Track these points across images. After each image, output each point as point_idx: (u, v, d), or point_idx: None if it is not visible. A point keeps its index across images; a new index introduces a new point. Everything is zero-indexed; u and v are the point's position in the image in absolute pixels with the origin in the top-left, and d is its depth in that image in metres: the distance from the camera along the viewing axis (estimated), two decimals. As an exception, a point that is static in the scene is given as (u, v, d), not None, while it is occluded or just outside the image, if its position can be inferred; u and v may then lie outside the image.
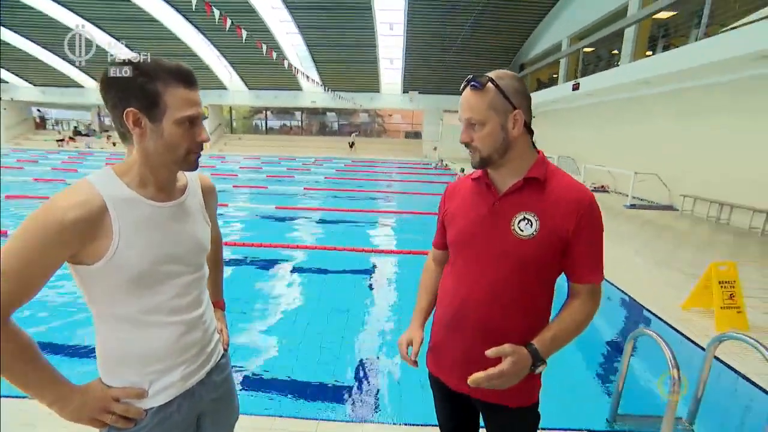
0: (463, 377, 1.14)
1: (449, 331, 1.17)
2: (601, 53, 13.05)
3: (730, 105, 7.84)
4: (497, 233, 1.06)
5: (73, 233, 0.82)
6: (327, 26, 17.65)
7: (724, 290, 3.26)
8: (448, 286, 1.20)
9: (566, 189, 1.05)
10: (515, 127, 1.03)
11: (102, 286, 0.91)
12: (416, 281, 1.39)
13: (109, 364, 0.98)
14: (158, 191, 0.98)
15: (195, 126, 0.95)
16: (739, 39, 6.27)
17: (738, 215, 7.36)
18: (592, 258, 1.05)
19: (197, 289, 1.08)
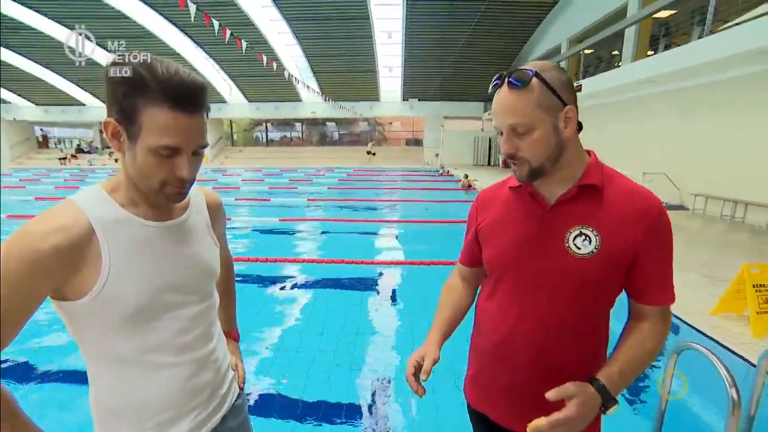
0: (513, 412, 1.01)
1: (495, 362, 1.02)
2: (602, 54, 12.99)
3: (730, 101, 7.72)
4: (548, 252, 0.91)
5: (53, 263, 0.69)
6: (325, 36, 17.70)
7: (759, 294, 3.08)
8: (491, 311, 1.03)
9: (630, 196, 0.89)
10: (568, 127, 0.87)
11: (92, 325, 0.77)
12: (426, 292, 1.22)
13: (105, 417, 0.83)
14: (153, 209, 0.83)
15: (175, 157, 0.76)
16: (739, 36, 6.17)
17: (753, 213, 7.18)
18: (663, 276, 0.90)
19: (206, 321, 0.93)
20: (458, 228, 8.44)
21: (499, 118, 0.90)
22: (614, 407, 0.85)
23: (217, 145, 26.22)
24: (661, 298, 0.91)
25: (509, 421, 1.03)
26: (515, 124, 0.87)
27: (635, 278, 0.90)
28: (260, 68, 14.92)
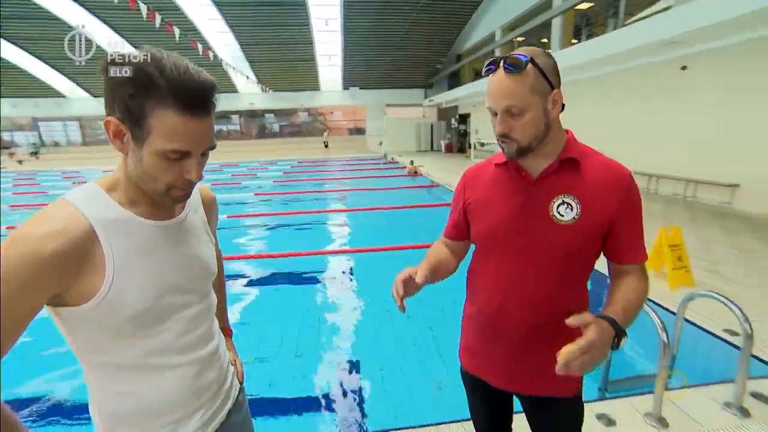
0: (509, 376, 1.11)
1: (488, 331, 1.11)
2: (532, 42, 13.83)
3: (640, 87, 8.64)
4: (534, 222, 0.99)
5: (53, 269, 0.65)
6: (259, 24, 16.91)
7: (673, 252, 3.57)
8: (484, 283, 1.11)
9: (604, 168, 0.99)
10: (554, 108, 0.96)
11: (93, 331, 0.73)
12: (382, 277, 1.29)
13: (110, 425, 0.80)
14: (153, 208, 0.81)
15: (184, 160, 0.74)
16: (645, 29, 6.88)
17: (663, 185, 8.18)
18: (637, 236, 1.01)
19: (207, 320, 0.92)
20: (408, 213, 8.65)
21: (495, 100, 0.95)
22: (625, 339, 0.90)
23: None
24: (637, 256, 1.01)
25: (508, 383, 1.12)
26: (510, 105, 0.93)
27: (613, 240, 0.99)
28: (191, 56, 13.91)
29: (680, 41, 6.63)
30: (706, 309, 3.05)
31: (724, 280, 3.69)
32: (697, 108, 7.32)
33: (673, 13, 6.37)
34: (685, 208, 6.98)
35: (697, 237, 5.08)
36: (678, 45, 6.87)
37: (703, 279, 3.70)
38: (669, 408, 2.06)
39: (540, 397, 1.10)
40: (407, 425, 2.08)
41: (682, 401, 2.12)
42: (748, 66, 6.37)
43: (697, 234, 5.24)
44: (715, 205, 6.91)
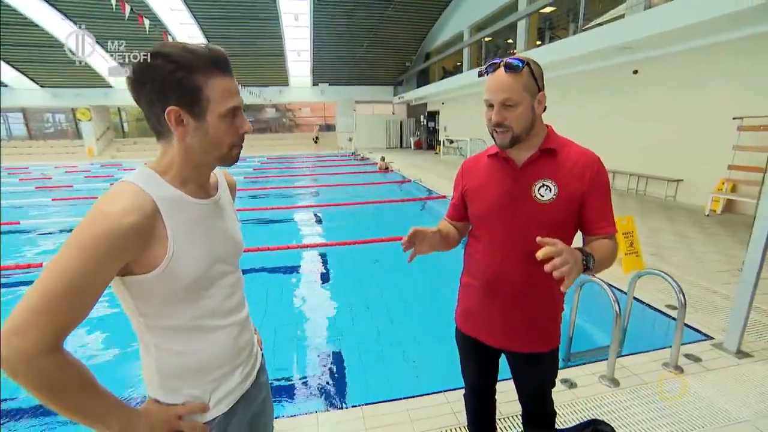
0: (502, 336, 1.33)
1: (485, 297, 1.32)
2: (499, 43, 14.36)
3: (595, 89, 9.30)
4: (520, 202, 1.20)
5: (130, 242, 0.76)
6: (226, 16, 16.47)
7: (626, 239, 3.97)
8: (478, 256, 1.33)
9: (577, 155, 1.20)
10: (539, 107, 1.17)
11: (156, 297, 0.85)
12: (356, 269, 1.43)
13: (166, 381, 0.92)
14: (199, 189, 0.93)
15: (237, 117, 0.89)
16: (603, 34, 7.45)
17: (617, 180, 8.85)
18: (606, 212, 1.19)
19: (241, 289, 1.06)
20: (380, 207, 8.80)
21: (494, 93, 1.14)
22: (593, 261, 1.03)
23: (104, 137, 22.86)
24: (606, 228, 1.18)
25: (501, 341, 1.34)
26: (507, 99, 1.12)
27: (585, 214, 1.18)
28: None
29: (632, 47, 7.21)
30: (654, 289, 3.46)
31: (668, 264, 4.15)
32: (647, 109, 7.98)
33: (626, 21, 6.92)
34: (638, 200, 7.62)
35: (647, 227, 5.62)
36: (631, 50, 7.46)
37: (652, 263, 4.15)
38: (620, 371, 2.39)
39: (526, 353, 1.33)
40: (390, 398, 2.27)
41: (630, 365, 2.47)
42: (693, 72, 7.03)
43: (647, 224, 5.78)
44: (662, 198, 7.58)
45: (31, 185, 11.83)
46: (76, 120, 22.30)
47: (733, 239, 4.99)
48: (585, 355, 2.69)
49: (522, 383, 1.43)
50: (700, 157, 6.95)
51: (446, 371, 2.19)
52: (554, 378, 1.43)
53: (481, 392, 1.56)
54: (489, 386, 1.55)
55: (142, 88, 0.82)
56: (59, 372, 0.73)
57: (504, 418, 2.05)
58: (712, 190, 6.47)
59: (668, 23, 5.88)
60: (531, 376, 1.40)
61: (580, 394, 2.23)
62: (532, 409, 1.47)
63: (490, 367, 1.48)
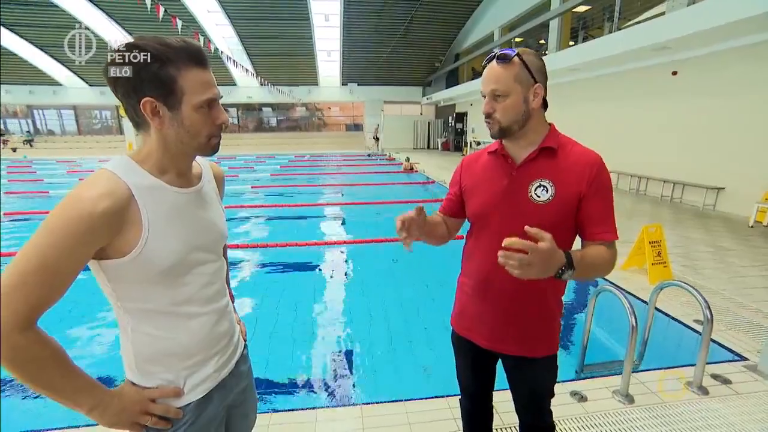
0: (495, 336, 1.27)
1: (478, 295, 1.27)
2: (530, 43, 13.99)
3: (630, 91, 8.83)
4: (516, 201, 1.15)
5: (103, 226, 0.77)
6: (259, 17, 16.91)
7: (654, 249, 3.76)
8: (473, 254, 1.28)
9: (577, 155, 1.14)
10: (535, 100, 1.11)
11: (131, 281, 0.86)
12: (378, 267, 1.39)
13: (141, 364, 0.93)
14: (178, 177, 0.94)
15: (213, 108, 0.90)
16: (639, 33, 7.06)
17: (652, 186, 8.39)
18: (606, 216, 1.12)
19: (221, 278, 1.07)
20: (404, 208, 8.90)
21: (485, 84, 1.13)
22: (570, 273, 0.98)
23: (142, 134, 24.06)
24: (605, 234, 1.10)
25: (493, 344, 1.28)
26: (495, 89, 1.10)
27: (583, 218, 1.11)
28: None
29: (671, 47, 6.81)
30: (681, 302, 3.23)
31: (699, 276, 3.88)
32: (686, 112, 7.52)
33: (665, 18, 6.54)
34: (672, 208, 7.19)
35: (680, 236, 5.29)
36: (669, 50, 7.05)
37: (682, 275, 3.89)
38: (636, 387, 2.24)
39: (520, 357, 1.26)
40: (395, 399, 2.23)
41: (648, 381, 2.30)
42: (736, 72, 6.56)
43: (681, 233, 5.44)
44: (700, 207, 7.12)
45: (77, 177, 12.58)
46: (119, 117, 23.58)
47: (779, 253, 4.61)
48: (600, 368, 2.55)
49: (515, 389, 1.36)
50: (745, 163, 6.47)
51: (452, 376, 2.14)
52: (551, 387, 1.34)
53: (475, 397, 1.50)
54: (484, 391, 1.48)
55: (119, 80, 0.83)
56: (32, 349, 0.75)
57: (504, 427, 1.97)
58: (758, 199, 6.00)
59: (710, 21, 5.51)
60: (524, 381, 1.33)
61: (590, 409, 2.10)
62: (528, 420, 1.40)
63: (484, 371, 1.41)
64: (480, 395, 1.50)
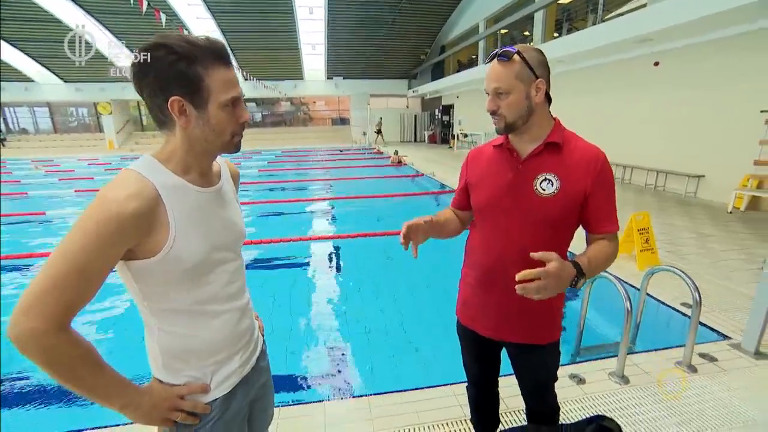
0: (499, 327, 1.31)
1: (482, 287, 1.31)
2: (515, 35, 14.08)
3: (612, 82, 9.02)
4: (522, 194, 1.19)
5: (132, 227, 0.78)
6: (242, 10, 16.55)
7: (641, 236, 3.89)
8: (477, 246, 1.32)
9: (582, 150, 1.18)
10: (538, 95, 1.15)
11: (158, 281, 0.88)
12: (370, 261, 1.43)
13: (168, 362, 0.95)
14: (200, 177, 0.95)
15: (237, 107, 0.91)
16: (622, 25, 7.19)
17: (636, 175, 8.62)
18: (609, 210, 1.18)
19: (242, 276, 1.08)
20: (393, 201, 8.81)
21: (487, 82, 1.17)
22: (583, 281, 1.06)
23: (124, 130, 23.42)
24: (608, 227, 1.17)
25: (496, 332, 1.32)
26: (498, 87, 1.14)
27: (588, 213, 1.16)
28: None
29: (653, 38, 6.97)
30: (669, 286, 3.37)
31: (684, 261, 4.03)
32: (668, 102, 7.72)
33: (647, 10, 6.68)
34: (656, 196, 7.41)
35: (664, 223, 5.47)
36: (652, 42, 7.21)
37: (668, 261, 4.04)
38: (630, 368, 2.34)
39: (524, 345, 1.31)
40: (401, 389, 2.29)
41: (641, 362, 2.41)
42: (717, 63, 6.76)
43: (665, 221, 5.62)
44: (682, 195, 7.35)
45: (56, 177, 12.21)
46: (97, 114, 22.88)
47: (757, 237, 4.81)
48: (595, 351, 2.65)
49: (521, 376, 1.42)
50: (724, 152, 6.70)
51: (454, 365, 2.19)
52: (555, 372, 1.40)
53: (482, 384, 1.55)
54: (489, 379, 1.54)
55: (145, 79, 0.84)
56: (68, 349, 0.77)
57: (510, 411, 2.04)
58: (735, 186, 6.24)
59: (692, 13, 5.65)
60: (529, 368, 1.39)
61: (588, 390, 2.20)
62: (534, 404, 1.46)
63: (489, 359, 1.47)
64: (486, 383, 1.55)
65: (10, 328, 0.73)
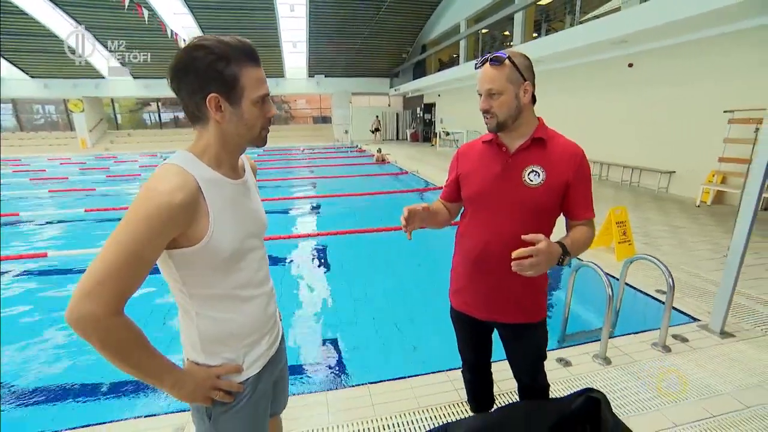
0: (491, 309, 1.44)
1: (474, 273, 1.43)
2: (496, 35, 14.38)
3: (590, 81, 9.42)
4: (511, 185, 1.32)
5: (179, 216, 0.85)
6: (221, 6, 16.27)
7: (619, 229, 4.13)
8: (468, 235, 1.44)
9: (564, 146, 1.33)
10: (525, 96, 1.29)
11: (198, 268, 0.94)
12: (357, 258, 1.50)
13: (206, 345, 1.02)
14: (231, 170, 1.02)
15: (266, 103, 0.98)
16: (599, 28, 7.50)
17: (613, 172, 9.00)
18: (587, 199, 1.34)
19: (266, 262, 1.17)
20: (378, 199, 8.85)
21: (482, 84, 1.29)
22: (569, 258, 1.22)
23: (98, 129, 22.61)
24: (586, 214, 1.34)
25: (489, 314, 1.45)
26: (491, 89, 1.27)
27: (569, 201, 1.32)
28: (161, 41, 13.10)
29: (628, 40, 7.30)
30: (644, 275, 3.61)
31: (659, 252, 4.31)
32: (642, 102, 8.10)
33: (623, 14, 7.00)
34: (631, 192, 7.78)
35: (640, 217, 5.77)
36: (626, 44, 7.55)
37: (643, 252, 4.30)
38: (612, 351, 2.54)
39: (515, 324, 1.45)
40: (399, 376, 2.40)
41: (621, 345, 2.61)
42: (686, 65, 7.15)
43: (640, 215, 5.94)
44: (655, 190, 7.74)
45: (25, 177, 11.77)
46: (68, 111, 22.05)
47: (722, 229, 5.16)
48: (579, 336, 2.84)
49: (513, 355, 1.55)
50: (692, 149, 7.11)
51: (445, 352, 2.31)
52: (545, 350, 1.54)
53: (476, 367, 1.69)
54: (483, 361, 1.67)
55: (185, 77, 0.90)
56: (124, 332, 0.85)
57: (502, 393, 2.19)
58: (702, 181, 6.64)
59: (663, 17, 5.97)
60: (520, 346, 1.52)
61: (574, 372, 2.37)
62: (526, 382, 1.59)
63: (482, 342, 1.60)
64: (481, 365, 1.69)
65: (70, 313, 0.80)
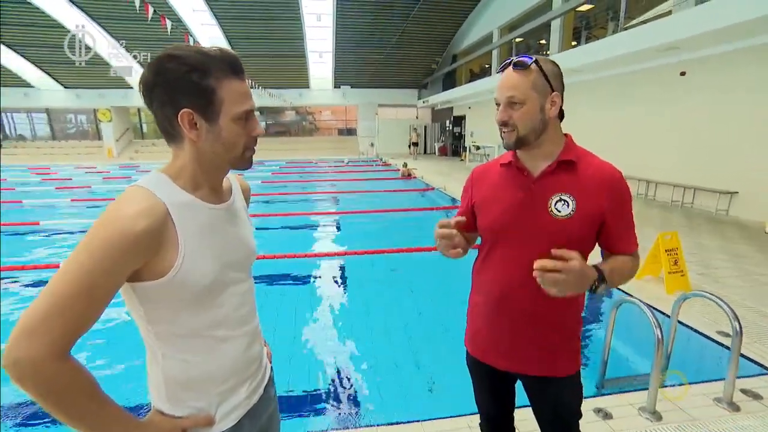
0: (513, 356, 1.27)
1: (494, 316, 1.27)
2: (531, 43, 14.23)
3: (632, 93, 9.05)
4: (535, 216, 1.16)
5: (141, 246, 0.77)
6: (248, 17, 17.01)
7: (670, 257, 3.82)
8: (486, 271, 1.29)
9: (597, 169, 1.17)
10: (552, 108, 1.14)
11: (165, 304, 0.86)
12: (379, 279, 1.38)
13: (172, 391, 0.92)
14: (211, 193, 0.95)
15: (249, 120, 0.91)
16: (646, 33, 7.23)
17: (661, 191, 8.53)
18: (628, 230, 1.19)
19: (252, 298, 1.07)
20: (402, 216, 8.77)
21: (501, 91, 1.16)
22: (604, 286, 1.08)
23: (124, 138, 23.93)
24: (627, 247, 1.19)
25: (511, 364, 1.28)
26: (513, 96, 1.13)
27: (607, 235, 1.17)
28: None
29: (679, 47, 6.98)
30: (701, 312, 3.29)
31: (719, 286, 3.94)
32: (695, 114, 7.68)
33: (673, 18, 6.72)
34: (683, 214, 7.31)
35: (694, 243, 5.37)
36: (677, 50, 7.23)
37: (699, 284, 3.95)
38: (663, 403, 2.26)
39: (541, 377, 1.27)
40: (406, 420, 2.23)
41: (675, 397, 2.33)
42: (750, 71, 6.73)
43: (694, 240, 5.53)
44: (713, 212, 7.24)
45: (52, 185, 12.44)
46: (97, 121, 23.42)
47: (797, 260, 4.70)
48: (622, 383, 2.57)
49: (539, 411, 1.36)
50: (760, 167, 6.61)
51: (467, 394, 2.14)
52: (577, 409, 1.34)
53: (496, 420, 1.50)
54: (504, 415, 1.48)
55: (155, 90, 0.84)
56: (66, 379, 0.75)
57: (530, 449, 1.98)
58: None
59: (721, 20, 5.67)
60: (547, 403, 1.33)
61: (615, 427, 2.12)
62: None
63: (503, 394, 1.42)
64: (501, 417, 1.50)
65: (7, 355, 0.70)
